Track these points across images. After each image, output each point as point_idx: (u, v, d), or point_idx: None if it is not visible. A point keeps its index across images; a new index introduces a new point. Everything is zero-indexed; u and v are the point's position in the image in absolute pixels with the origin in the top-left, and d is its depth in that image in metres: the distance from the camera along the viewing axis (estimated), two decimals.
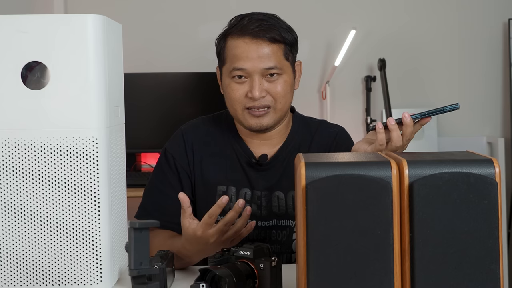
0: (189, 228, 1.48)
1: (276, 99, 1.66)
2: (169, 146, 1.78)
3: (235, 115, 1.69)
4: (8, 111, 1.32)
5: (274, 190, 1.71)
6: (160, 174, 1.77)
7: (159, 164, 1.78)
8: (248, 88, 1.64)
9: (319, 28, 3.61)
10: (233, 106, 1.68)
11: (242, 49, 1.64)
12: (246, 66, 1.63)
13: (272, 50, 1.64)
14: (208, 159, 1.74)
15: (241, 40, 1.65)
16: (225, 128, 1.77)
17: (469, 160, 1.06)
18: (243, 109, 1.66)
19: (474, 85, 3.66)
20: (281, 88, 1.65)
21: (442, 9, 3.64)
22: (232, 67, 1.65)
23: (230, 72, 1.66)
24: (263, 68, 1.63)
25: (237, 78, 1.65)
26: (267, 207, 1.70)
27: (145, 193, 1.77)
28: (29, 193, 1.33)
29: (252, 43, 1.64)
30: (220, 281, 1.29)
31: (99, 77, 1.33)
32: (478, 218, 1.03)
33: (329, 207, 1.03)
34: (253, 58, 1.63)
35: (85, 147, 1.32)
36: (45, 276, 1.34)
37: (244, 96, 1.65)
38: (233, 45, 1.66)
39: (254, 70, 1.63)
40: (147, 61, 3.57)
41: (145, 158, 3.52)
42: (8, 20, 1.32)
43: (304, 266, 1.04)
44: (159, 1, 3.62)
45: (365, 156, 1.15)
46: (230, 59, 1.66)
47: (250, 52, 1.63)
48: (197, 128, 1.79)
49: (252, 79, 1.64)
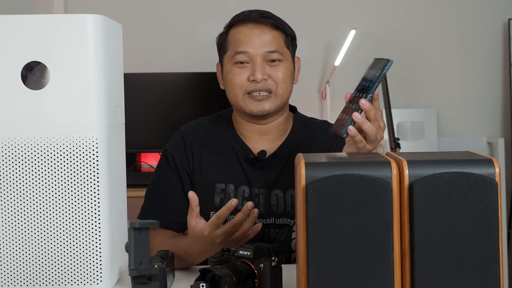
0: (196, 227, 1.48)
1: (278, 84, 1.68)
2: (169, 146, 1.79)
3: (236, 101, 1.70)
4: (8, 111, 1.32)
5: (272, 188, 1.71)
6: (160, 174, 1.77)
7: (160, 165, 1.79)
8: (250, 72, 1.67)
9: (319, 28, 3.61)
10: (233, 91, 1.69)
11: (244, 34, 1.68)
12: (249, 49, 1.67)
13: (274, 35, 1.69)
14: (207, 157, 1.75)
15: (243, 26, 1.69)
16: (224, 127, 1.78)
17: (469, 160, 1.06)
18: (244, 94, 1.68)
19: (474, 85, 3.66)
20: (282, 73, 1.68)
21: (442, 9, 3.64)
22: (235, 52, 1.68)
23: (232, 58, 1.68)
24: (266, 51, 1.67)
25: (239, 64, 1.68)
26: (265, 205, 1.71)
27: (146, 194, 1.78)
28: (29, 193, 1.33)
29: (254, 28, 1.68)
30: (220, 281, 1.29)
31: (99, 77, 1.33)
32: (478, 218, 1.03)
33: (329, 207, 1.03)
34: (256, 42, 1.67)
35: (85, 147, 1.32)
36: (45, 276, 1.34)
37: (245, 80, 1.67)
38: (236, 32, 1.70)
39: (257, 54, 1.66)
40: (147, 61, 3.57)
41: (145, 158, 3.52)
42: (8, 20, 1.32)
43: (304, 266, 1.04)
44: (159, 1, 3.62)
45: (365, 156, 1.16)
46: (233, 45, 1.69)
47: (253, 36, 1.67)
48: (196, 128, 1.80)
49: (254, 62, 1.67)
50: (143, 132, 3.37)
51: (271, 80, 1.67)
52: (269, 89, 1.67)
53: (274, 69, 1.68)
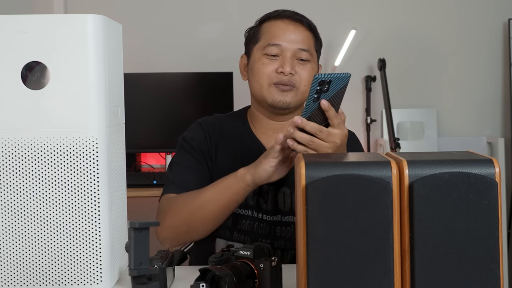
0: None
1: (302, 81, 1.71)
2: (187, 134, 1.80)
3: (260, 90, 1.72)
4: (8, 111, 1.32)
5: (281, 186, 1.73)
6: (183, 154, 1.76)
7: (180, 147, 1.78)
8: (278, 65, 1.70)
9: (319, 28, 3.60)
10: (259, 80, 1.71)
11: (280, 27, 1.72)
12: (282, 43, 1.70)
13: (307, 35, 1.74)
14: (221, 151, 1.77)
15: (280, 21, 1.74)
16: (239, 125, 1.81)
17: (469, 160, 1.06)
18: (269, 84, 1.70)
19: (474, 85, 3.66)
20: (308, 73, 1.71)
21: (442, 9, 3.64)
22: (268, 43, 1.71)
23: (264, 48, 1.72)
24: (298, 48, 1.71)
25: (269, 56, 1.71)
26: (273, 202, 1.72)
27: (170, 171, 1.76)
28: (29, 193, 1.33)
29: (291, 24, 1.73)
30: (220, 281, 1.29)
31: (99, 77, 1.33)
32: (478, 218, 1.03)
33: (329, 207, 1.03)
34: (290, 37, 1.71)
35: (85, 147, 1.32)
36: (45, 276, 1.34)
37: (273, 71, 1.70)
38: (271, 25, 1.74)
39: (289, 48, 1.70)
40: (147, 61, 3.57)
41: (145, 158, 3.52)
42: (9, 20, 1.32)
43: (304, 266, 1.04)
44: (159, 1, 3.62)
45: (365, 156, 1.16)
46: (266, 37, 1.73)
47: (288, 31, 1.72)
48: (213, 122, 1.82)
49: (285, 56, 1.70)
50: (143, 132, 3.37)
51: (297, 76, 1.70)
52: (294, 84, 1.70)
53: (302, 67, 1.71)
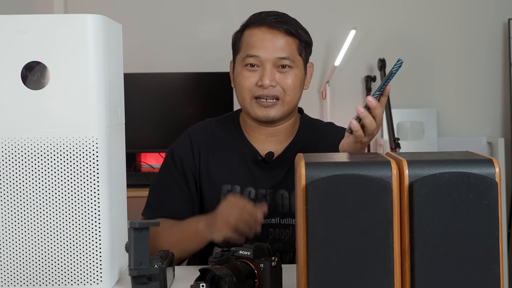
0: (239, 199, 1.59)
1: (286, 91, 1.68)
2: (176, 146, 1.79)
3: (243, 104, 1.71)
4: (8, 111, 1.32)
5: (278, 189, 1.72)
6: (166, 172, 1.78)
7: (166, 163, 1.79)
8: (259, 77, 1.67)
9: (319, 28, 3.60)
10: (242, 94, 1.70)
11: (257, 37, 1.68)
12: (260, 53, 1.66)
13: (287, 41, 1.68)
14: (214, 158, 1.75)
15: (257, 29, 1.69)
16: (232, 129, 1.79)
17: (469, 160, 1.06)
18: (251, 98, 1.68)
19: (474, 85, 3.66)
20: (291, 81, 1.68)
21: (442, 9, 3.64)
22: (246, 54, 1.68)
23: (243, 60, 1.69)
24: (276, 57, 1.66)
25: (249, 66, 1.68)
26: (271, 205, 1.71)
27: (151, 190, 1.79)
28: (29, 193, 1.33)
29: (268, 33, 1.68)
30: (220, 281, 1.29)
31: (99, 77, 1.33)
32: (478, 218, 1.03)
33: (329, 207, 1.03)
34: (268, 47, 1.66)
35: (85, 147, 1.32)
36: (45, 276, 1.34)
37: (254, 84, 1.67)
38: (249, 34, 1.70)
39: (267, 59, 1.66)
40: (147, 61, 3.57)
41: (145, 158, 3.52)
42: (9, 20, 1.32)
43: (304, 266, 1.04)
44: (159, 1, 3.62)
45: (365, 156, 1.16)
46: (245, 47, 1.70)
47: (265, 41, 1.67)
48: (203, 129, 1.80)
49: (264, 67, 1.67)
50: (143, 132, 3.37)
51: (279, 87, 1.67)
52: (276, 96, 1.67)
53: (284, 76, 1.67)
